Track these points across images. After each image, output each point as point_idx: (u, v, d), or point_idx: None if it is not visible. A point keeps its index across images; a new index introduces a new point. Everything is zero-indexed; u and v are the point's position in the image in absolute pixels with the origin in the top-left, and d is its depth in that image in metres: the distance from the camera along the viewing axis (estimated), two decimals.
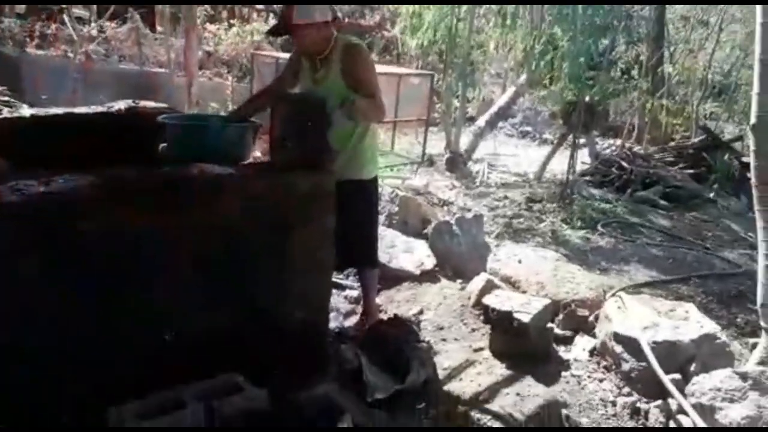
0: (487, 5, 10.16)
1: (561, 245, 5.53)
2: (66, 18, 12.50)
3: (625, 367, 3.08)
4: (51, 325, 1.90)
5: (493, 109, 9.65)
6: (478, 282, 3.79)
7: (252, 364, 2.33)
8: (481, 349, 3.30)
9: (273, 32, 3.17)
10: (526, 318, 3.15)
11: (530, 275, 4.01)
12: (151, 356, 2.13)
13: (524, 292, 3.86)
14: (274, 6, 20.37)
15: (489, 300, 3.36)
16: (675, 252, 5.77)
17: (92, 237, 1.93)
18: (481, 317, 3.57)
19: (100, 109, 3.21)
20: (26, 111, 3.19)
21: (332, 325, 3.24)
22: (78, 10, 16.53)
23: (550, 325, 3.44)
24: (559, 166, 8.52)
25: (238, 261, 2.34)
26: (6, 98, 9.00)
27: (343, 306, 3.72)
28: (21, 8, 15.63)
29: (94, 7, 17.50)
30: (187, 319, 2.23)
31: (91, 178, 2.00)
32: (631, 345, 3.09)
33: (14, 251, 1.79)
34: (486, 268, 4.20)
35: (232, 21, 14.69)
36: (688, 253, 5.76)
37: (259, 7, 21.27)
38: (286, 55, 9.85)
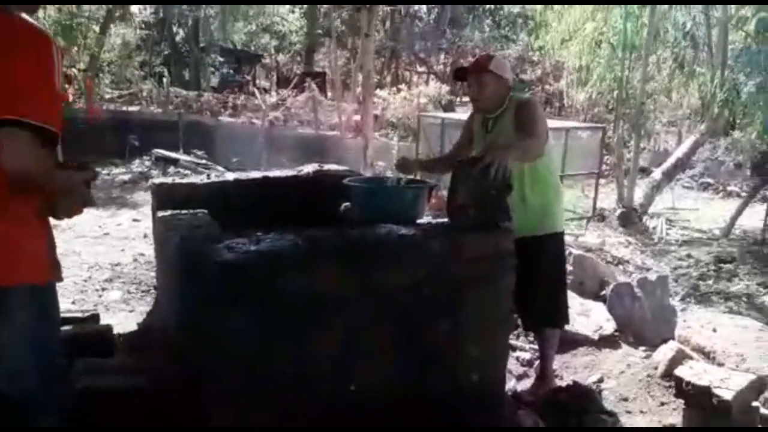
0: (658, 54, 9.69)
1: (759, 311, 4.93)
2: (254, 89, 14.02)
3: None
4: (251, 366, 2.05)
5: (670, 160, 9.05)
6: (666, 351, 3.47)
7: (430, 423, 2.32)
8: (673, 425, 3.00)
9: (458, 75, 3.25)
10: (728, 395, 2.81)
11: (728, 346, 3.59)
12: (338, 407, 2.21)
13: (721, 364, 3.46)
14: (434, 68, 21.20)
15: (682, 372, 3.05)
16: None
17: (291, 291, 2.08)
18: (672, 390, 3.25)
19: (290, 172, 3.50)
20: (229, 175, 3.57)
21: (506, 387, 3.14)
22: (262, 81, 18.46)
23: (755, 404, 3.03)
24: (749, 221, 7.70)
25: (416, 319, 2.37)
26: (204, 161, 10.25)
27: (514, 368, 3.59)
28: (214, 82, 17.87)
29: (275, 78, 19.46)
30: (369, 374, 2.29)
31: (291, 238, 2.17)
32: None
33: (227, 302, 1.98)
34: (674, 335, 3.85)
35: (399, 87, 15.46)
36: None
37: (420, 69, 22.25)
38: (450, 116, 10.18)
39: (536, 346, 3.60)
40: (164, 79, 15.65)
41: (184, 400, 2.08)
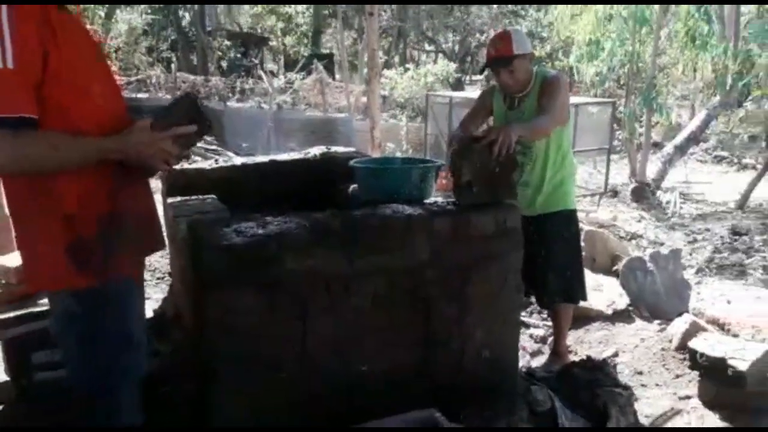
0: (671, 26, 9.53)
1: None
2: (262, 73, 13.96)
3: None
4: (257, 345, 2.06)
5: (683, 133, 8.95)
6: (680, 324, 3.46)
7: (442, 402, 2.32)
8: (688, 397, 3.00)
9: (484, 68, 3.17)
10: (743, 365, 2.80)
11: (743, 317, 3.57)
12: (342, 389, 2.22)
13: (736, 336, 3.45)
14: (443, 46, 20.99)
15: (696, 344, 3.04)
16: None
17: (296, 273, 2.08)
18: (686, 362, 3.25)
19: (297, 155, 3.50)
20: (238, 159, 3.57)
21: (519, 364, 3.14)
22: (269, 64, 18.39)
23: None
24: (765, 193, 7.61)
25: (423, 298, 2.37)
26: (214, 147, 10.26)
27: (528, 345, 3.59)
28: (223, 66, 17.80)
29: (282, 61, 19.38)
30: (375, 356, 2.29)
31: (297, 221, 2.16)
32: None
33: (242, 285, 1.99)
34: (688, 308, 3.83)
35: (407, 66, 15.32)
36: None
37: (428, 48, 22.04)
38: (459, 94, 10.09)
39: (550, 323, 3.60)
40: (172, 65, 15.62)
41: (194, 384, 2.10)
